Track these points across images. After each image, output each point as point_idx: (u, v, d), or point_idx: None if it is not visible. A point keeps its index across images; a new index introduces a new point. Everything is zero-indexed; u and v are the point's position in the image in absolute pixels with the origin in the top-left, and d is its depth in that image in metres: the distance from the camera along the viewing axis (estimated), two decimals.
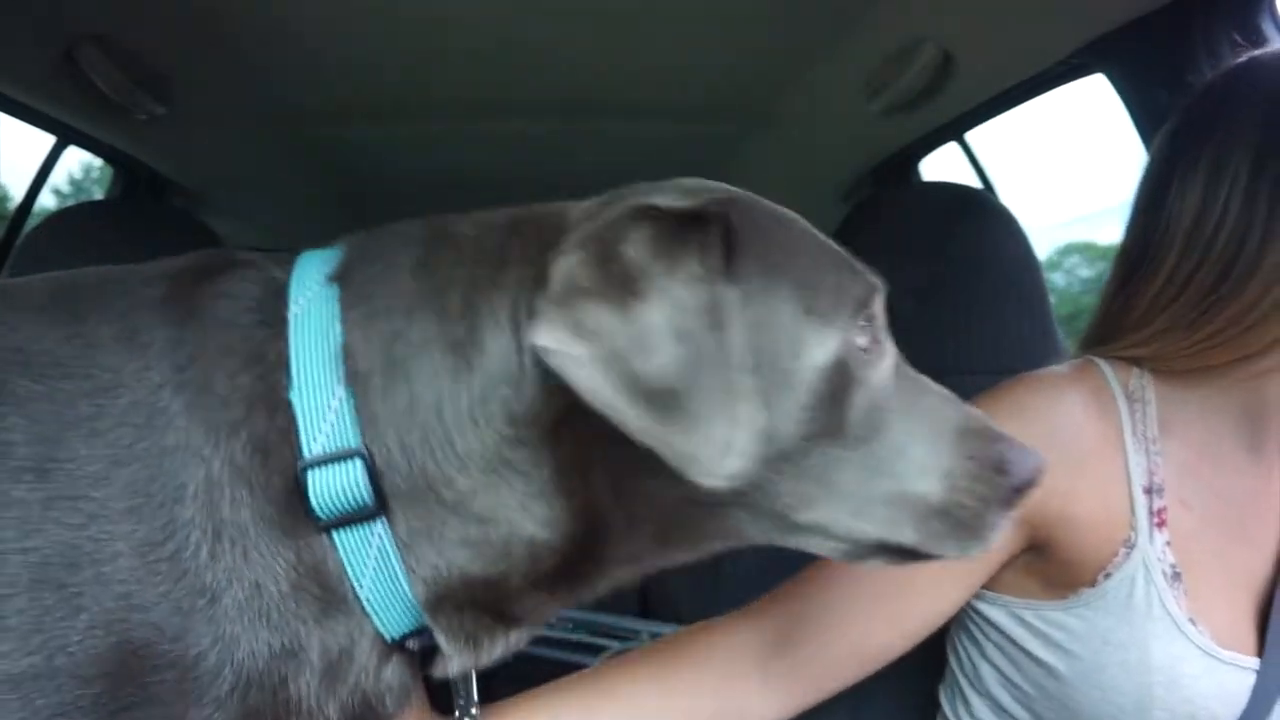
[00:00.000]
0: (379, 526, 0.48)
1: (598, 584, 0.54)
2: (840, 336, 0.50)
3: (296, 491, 0.47)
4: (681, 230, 0.45)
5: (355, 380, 0.48)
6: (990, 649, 0.84)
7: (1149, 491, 0.75)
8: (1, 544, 0.43)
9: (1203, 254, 0.71)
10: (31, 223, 1.89)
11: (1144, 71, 1.21)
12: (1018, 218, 1.16)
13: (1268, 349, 0.70)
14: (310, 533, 0.48)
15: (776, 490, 0.49)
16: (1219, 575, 0.75)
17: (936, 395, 0.56)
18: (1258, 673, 0.73)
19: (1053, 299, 1.16)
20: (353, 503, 0.47)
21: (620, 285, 0.43)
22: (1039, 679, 0.79)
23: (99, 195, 2.36)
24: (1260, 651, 0.74)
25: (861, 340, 0.51)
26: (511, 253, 0.50)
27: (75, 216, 1.34)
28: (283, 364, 0.48)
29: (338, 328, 0.49)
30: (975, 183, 2.00)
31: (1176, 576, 0.74)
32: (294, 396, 0.47)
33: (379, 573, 0.49)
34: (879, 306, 0.54)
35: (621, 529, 0.51)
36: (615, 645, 1.54)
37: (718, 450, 0.42)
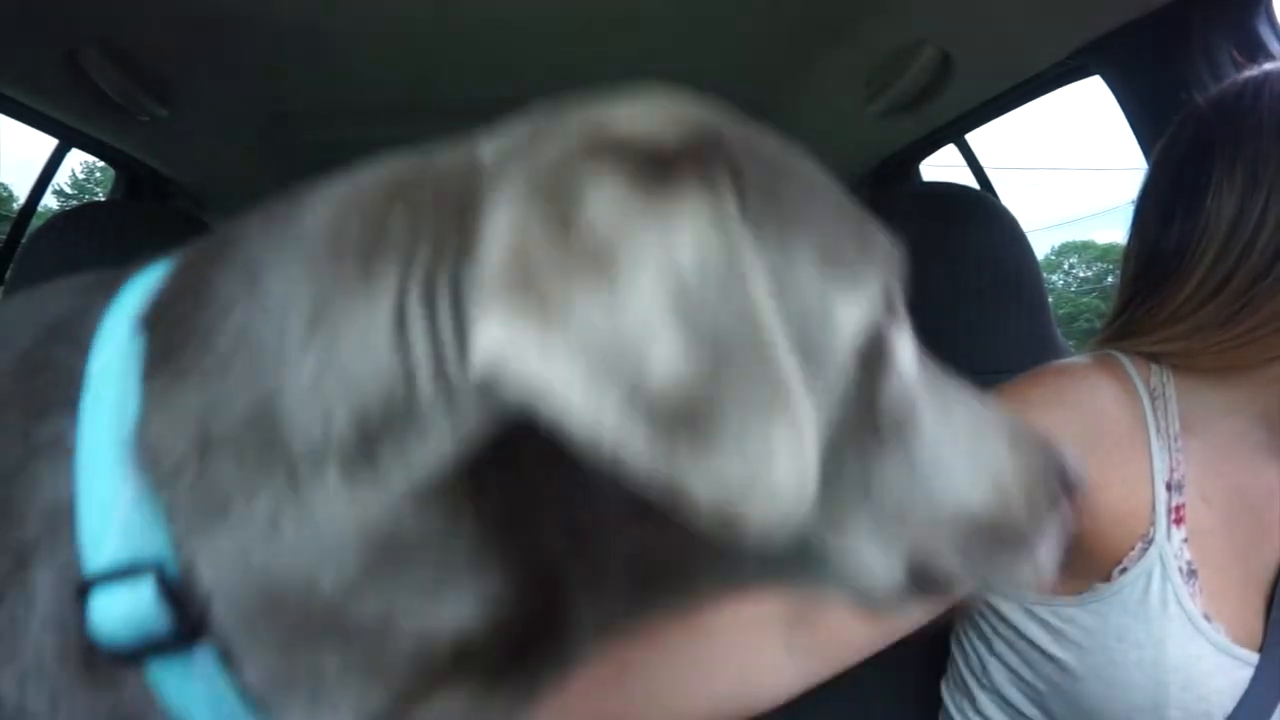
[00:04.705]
0: (203, 662, 0.35)
1: (566, 666, 0.40)
2: (870, 299, 0.38)
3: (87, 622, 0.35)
4: (662, 171, 0.30)
5: (157, 469, 0.35)
6: (1000, 645, 0.85)
7: (1170, 488, 0.76)
8: None
9: (1241, 254, 0.72)
10: (35, 224, 1.90)
11: (1140, 74, 1.21)
12: (1017, 218, 1.17)
13: None
14: (123, 674, 0.36)
15: None
16: (1234, 572, 0.76)
17: (968, 393, 0.46)
18: (1257, 666, 0.74)
19: (1051, 299, 1.17)
20: (145, 634, 0.34)
21: (590, 255, 0.29)
22: (1051, 675, 0.80)
23: (102, 197, 2.36)
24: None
25: (887, 310, 0.40)
26: (391, 233, 0.35)
27: (79, 218, 1.35)
28: (74, 450, 0.36)
29: (133, 401, 0.36)
30: (974, 184, 2.01)
31: (1193, 573, 0.75)
32: (78, 494, 0.35)
33: (216, 716, 0.36)
34: (898, 282, 0.42)
35: (582, 585, 0.37)
36: None
37: (779, 477, 0.28)
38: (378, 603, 0.34)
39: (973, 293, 1.11)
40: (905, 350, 0.42)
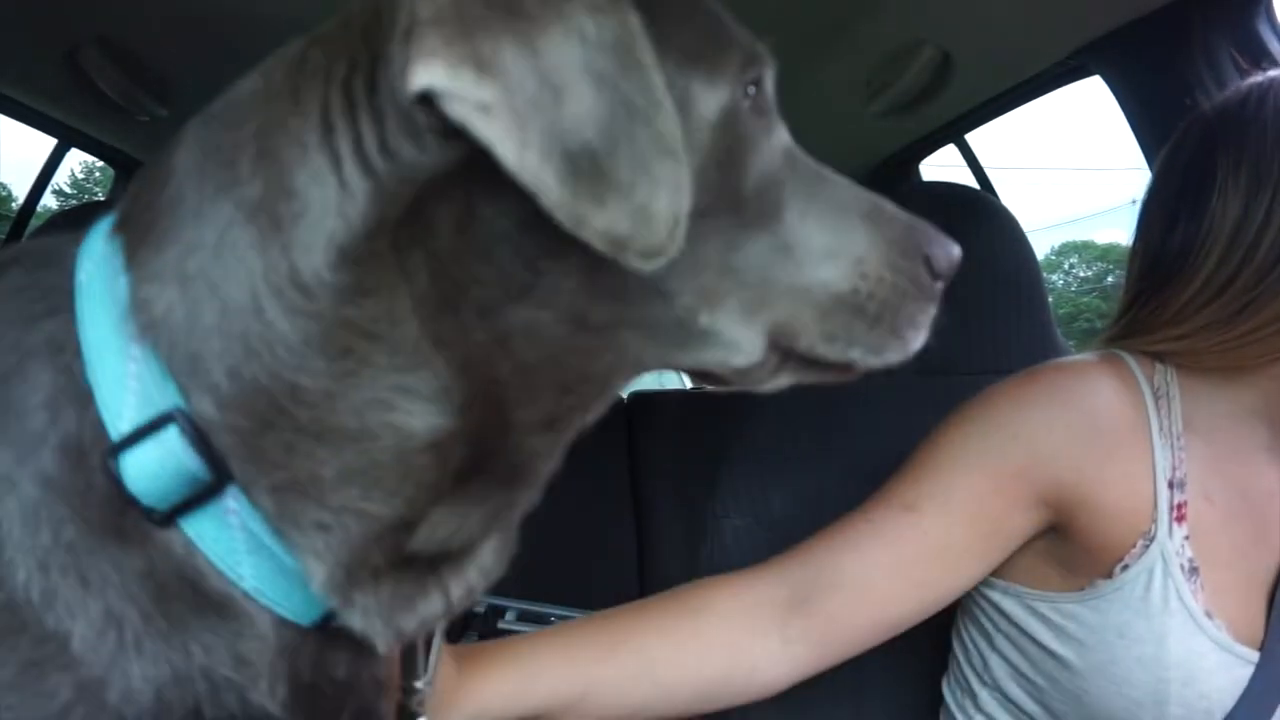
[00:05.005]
0: (230, 500, 0.39)
1: (528, 474, 0.45)
2: (728, 89, 0.43)
3: (121, 486, 0.39)
4: None
5: (155, 329, 0.39)
6: (1000, 640, 0.85)
7: (1172, 486, 0.76)
8: None
9: (1245, 255, 0.73)
10: (35, 224, 1.90)
11: (1140, 74, 1.22)
12: (1017, 218, 1.17)
13: None
14: (157, 531, 0.39)
15: (676, 287, 0.42)
16: (1236, 571, 0.76)
17: (841, 181, 0.50)
18: (1257, 664, 0.74)
19: (1051, 299, 1.17)
20: (179, 478, 0.38)
21: (510, 12, 0.33)
22: (1051, 671, 0.80)
23: (102, 197, 2.37)
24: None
25: (749, 104, 0.45)
26: (309, 65, 0.40)
27: (79, 218, 1.35)
28: (77, 345, 0.40)
29: (123, 279, 0.40)
30: (974, 183, 2.01)
31: (1194, 571, 0.75)
32: (90, 377, 0.39)
33: (257, 556, 0.40)
34: (769, 81, 0.47)
35: (517, 382, 0.42)
36: None
37: (661, 220, 0.35)
38: (351, 404, 0.39)
39: (973, 292, 1.11)
40: (771, 140, 0.47)
